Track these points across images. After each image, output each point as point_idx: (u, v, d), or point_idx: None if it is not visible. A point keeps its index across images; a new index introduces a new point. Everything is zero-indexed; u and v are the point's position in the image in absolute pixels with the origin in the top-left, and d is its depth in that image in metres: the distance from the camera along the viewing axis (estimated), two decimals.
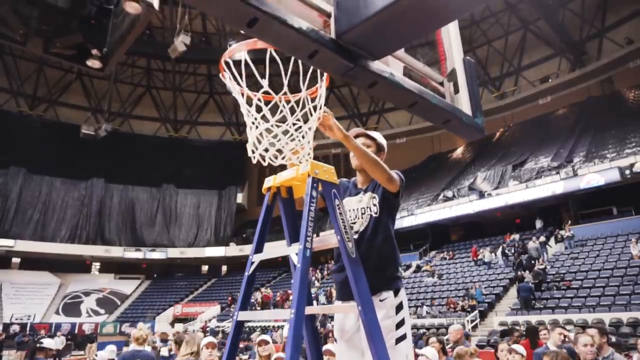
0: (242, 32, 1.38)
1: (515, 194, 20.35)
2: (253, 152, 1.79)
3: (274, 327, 18.34)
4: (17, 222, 30.84)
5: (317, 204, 1.77)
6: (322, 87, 1.87)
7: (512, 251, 18.66)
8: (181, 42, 20.91)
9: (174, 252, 34.37)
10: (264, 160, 1.82)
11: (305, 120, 1.87)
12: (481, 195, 22.01)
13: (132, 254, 33.24)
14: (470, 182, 24.33)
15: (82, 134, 26.88)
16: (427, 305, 17.14)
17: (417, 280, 20.69)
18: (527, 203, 20.23)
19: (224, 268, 37.03)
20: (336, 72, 1.56)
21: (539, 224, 20.51)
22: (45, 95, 33.96)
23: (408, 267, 23.45)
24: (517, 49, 30.16)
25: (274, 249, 1.94)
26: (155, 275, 36.48)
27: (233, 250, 33.66)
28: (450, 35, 2.25)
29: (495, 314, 15.39)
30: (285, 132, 1.85)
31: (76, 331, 26.12)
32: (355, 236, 2.15)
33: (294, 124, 1.82)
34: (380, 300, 2.01)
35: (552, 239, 18.79)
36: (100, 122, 29.66)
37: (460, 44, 2.25)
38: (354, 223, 2.21)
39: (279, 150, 1.85)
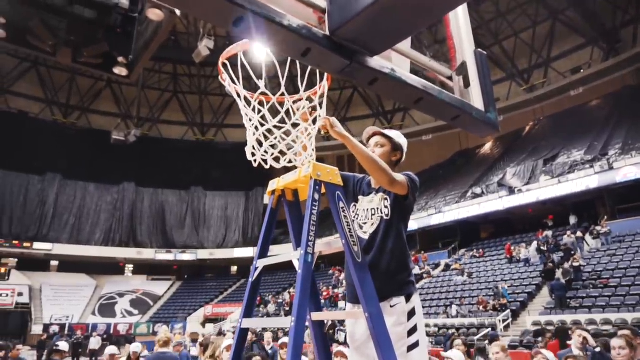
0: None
1: (547, 189, 19.72)
2: (253, 155, 1.75)
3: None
4: (54, 226, 32.00)
5: (319, 207, 1.71)
6: (321, 87, 1.80)
7: (546, 248, 18.05)
8: (205, 46, 21.25)
9: (203, 254, 34.94)
10: (266, 164, 1.78)
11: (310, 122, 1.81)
12: (511, 191, 21.44)
13: (163, 255, 33.99)
14: (500, 178, 23.73)
15: (112, 139, 27.71)
16: (456, 305, 16.79)
17: (447, 279, 20.32)
18: (559, 198, 19.58)
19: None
20: (332, 70, 1.50)
21: (572, 219, 19.80)
22: (77, 104, 35.12)
23: (437, 265, 23.10)
24: (546, 39, 29.22)
25: (278, 255, 1.89)
26: (185, 277, 37.20)
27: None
28: (461, 27, 2.14)
29: (528, 313, 14.94)
30: (287, 134, 1.80)
31: (112, 331, 26.89)
32: (366, 236, 2.08)
33: (294, 125, 1.77)
34: (391, 306, 1.93)
35: (588, 235, 18.09)
36: (130, 128, 30.51)
37: (472, 35, 2.15)
38: (365, 224, 2.13)
39: (282, 152, 1.81)
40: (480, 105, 1.99)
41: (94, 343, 18.68)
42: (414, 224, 25.24)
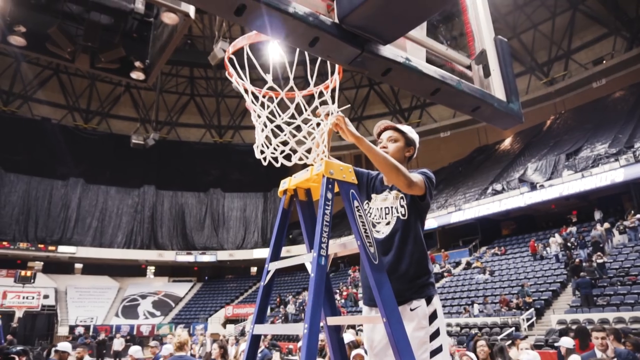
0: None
1: (570, 184, 19.21)
2: (262, 152, 1.67)
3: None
4: (77, 230, 32.65)
5: (332, 206, 1.62)
6: (333, 80, 1.71)
7: (573, 244, 17.54)
8: (220, 48, 21.34)
9: (223, 255, 35.19)
10: (277, 162, 1.70)
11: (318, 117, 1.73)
12: (533, 187, 20.95)
13: (184, 257, 34.35)
14: (521, 174, 23.23)
15: (132, 143, 28.09)
16: (478, 304, 16.50)
17: (468, 278, 19.99)
18: (583, 193, 19.05)
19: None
20: (342, 60, 1.41)
21: (597, 215, 19.23)
22: (97, 109, 35.75)
23: (458, 264, 22.76)
24: (565, 31, 28.50)
25: (291, 257, 1.80)
26: (206, 278, 37.52)
27: (287, 250, 33.97)
28: (479, 13, 2.03)
29: (552, 311, 14.56)
30: (298, 131, 1.71)
31: (135, 332, 27.28)
32: (380, 236, 1.99)
33: (306, 121, 1.68)
34: (411, 310, 1.82)
35: (615, 230, 17.55)
36: (148, 132, 30.90)
37: (491, 22, 2.03)
38: (379, 223, 2.04)
39: (293, 150, 1.72)
40: (501, 95, 1.88)
41: (117, 344, 18.94)
42: (433, 221, 24.94)
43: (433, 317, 1.84)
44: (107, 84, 34.65)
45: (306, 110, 1.76)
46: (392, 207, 2.01)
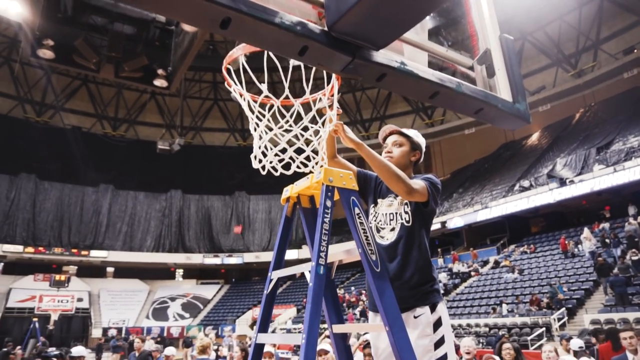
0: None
1: (601, 179, 18.58)
2: (261, 161, 1.67)
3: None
4: (108, 234, 33.57)
5: (332, 214, 1.61)
6: (331, 87, 1.70)
7: (609, 240, 16.87)
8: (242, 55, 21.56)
9: (249, 257, 35.52)
10: (276, 171, 1.70)
11: (318, 125, 1.72)
12: (562, 182, 20.37)
13: (211, 260, 34.85)
14: (549, 170, 22.62)
15: (158, 149, 28.72)
16: (507, 303, 16.13)
17: (496, 277, 19.57)
18: (616, 188, 18.39)
19: (307, 272, 37.61)
20: (334, 68, 1.40)
21: (632, 210, 18.52)
22: (125, 116, 36.68)
23: (485, 262, 22.32)
24: (593, 20, 27.56)
25: (293, 267, 1.80)
26: (233, 280, 37.97)
27: (305, 252, 34.06)
28: (483, 12, 1.98)
29: (585, 311, 14.10)
30: (297, 139, 1.71)
31: (165, 334, 27.84)
32: (384, 242, 1.96)
33: (304, 129, 1.67)
34: (415, 317, 1.79)
35: None
36: (174, 137, 31.52)
37: (496, 20, 1.98)
38: (383, 229, 2.01)
39: (291, 158, 1.72)
40: (507, 95, 1.83)
41: (148, 346, 19.32)
42: (459, 220, 24.57)
43: (437, 324, 1.81)
44: (134, 92, 35.51)
45: (305, 116, 1.75)
46: (396, 213, 1.98)
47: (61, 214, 32.39)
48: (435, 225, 26.05)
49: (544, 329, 13.28)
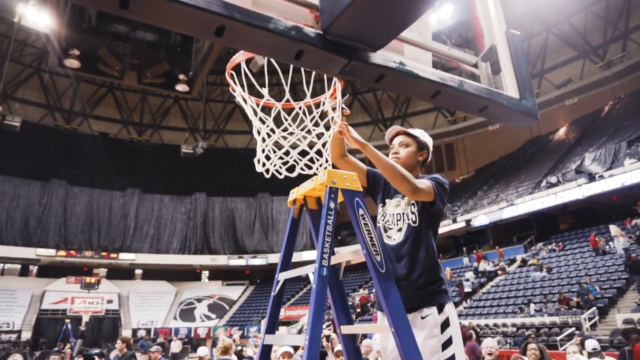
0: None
1: (633, 173, 17.96)
2: (264, 164, 1.69)
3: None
4: (136, 237, 34.37)
5: (335, 216, 1.61)
6: (334, 89, 1.70)
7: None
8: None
9: (273, 258, 35.74)
10: (280, 174, 1.71)
11: (321, 128, 1.73)
12: (591, 178, 19.78)
13: (236, 261, 35.25)
14: (578, 165, 21.99)
15: (182, 153, 29.27)
16: (535, 303, 15.76)
17: (523, 276, 19.15)
18: None
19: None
20: (331, 71, 1.40)
21: None
22: (150, 122, 37.47)
23: (512, 261, 21.88)
24: (621, 9, 26.67)
25: (298, 268, 1.81)
26: (258, 281, 38.29)
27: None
28: (489, 8, 1.95)
29: (617, 310, 13.65)
30: (300, 142, 1.72)
31: (192, 335, 28.30)
32: (391, 242, 1.96)
33: (308, 132, 1.69)
34: (422, 318, 1.78)
35: None
36: (197, 141, 32.07)
37: (502, 15, 1.95)
38: (390, 229, 2.02)
39: (296, 161, 1.73)
40: (514, 92, 1.80)
41: (175, 347, 19.72)
42: (484, 218, 24.14)
43: (445, 325, 1.79)
44: (158, 97, 36.26)
45: (312, 118, 1.76)
46: (403, 214, 1.98)
47: (91, 218, 33.35)
48: (460, 224, 25.69)
49: (573, 328, 12.93)
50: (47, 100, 33.49)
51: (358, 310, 24.15)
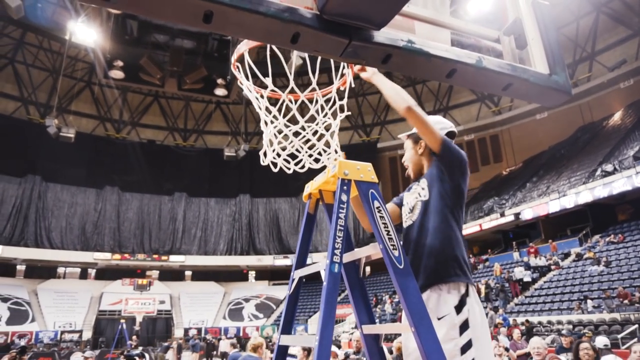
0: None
1: None
2: (274, 158, 1.63)
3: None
4: (185, 240, 35.54)
5: (347, 209, 1.52)
6: (344, 77, 1.61)
7: None
8: (298, 56, 21.80)
9: (318, 257, 35.86)
10: (289, 169, 1.65)
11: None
12: None
13: (281, 261, 35.64)
14: (636, 151, 20.59)
15: (225, 156, 29.91)
16: (592, 299, 14.88)
17: (579, 270, 18.14)
18: None
19: (367, 269, 37.46)
20: (332, 54, 1.31)
21: None
22: (193, 127, 38.60)
23: (566, 255, 20.79)
24: None
25: (312, 265, 1.73)
26: (303, 280, 38.24)
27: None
28: None
29: None
30: (314, 133, 1.64)
31: (241, 334, 28.88)
32: (409, 223, 1.93)
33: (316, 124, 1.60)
34: (438, 319, 1.66)
35: None
36: (239, 144, 32.66)
37: None
38: (408, 213, 1.98)
39: (308, 155, 1.65)
40: (543, 67, 1.63)
41: (224, 346, 20.15)
42: (534, 211, 23.11)
43: (464, 327, 1.65)
44: (200, 103, 37.27)
45: (320, 110, 1.68)
46: (417, 196, 1.93)
47: (142, 222, 34.79)
48: (508, 218, 24.72)
49: (636, 326, 12.09)
50: (98, 112, 35.24)
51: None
